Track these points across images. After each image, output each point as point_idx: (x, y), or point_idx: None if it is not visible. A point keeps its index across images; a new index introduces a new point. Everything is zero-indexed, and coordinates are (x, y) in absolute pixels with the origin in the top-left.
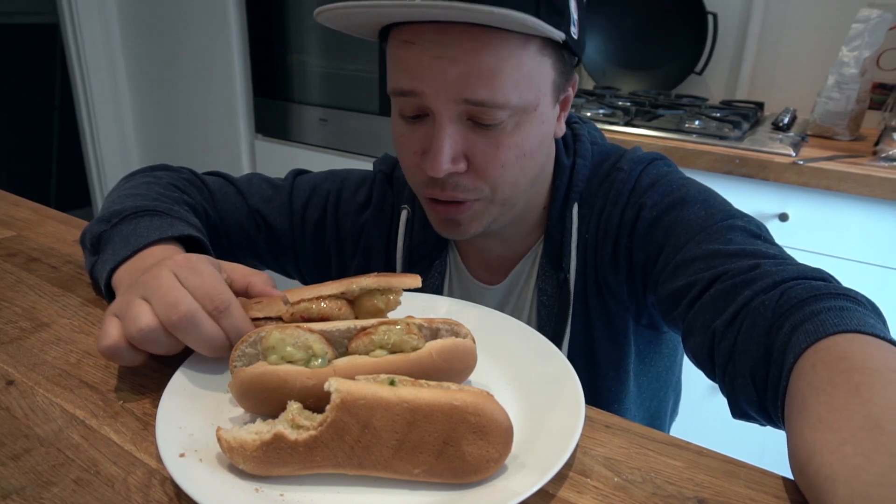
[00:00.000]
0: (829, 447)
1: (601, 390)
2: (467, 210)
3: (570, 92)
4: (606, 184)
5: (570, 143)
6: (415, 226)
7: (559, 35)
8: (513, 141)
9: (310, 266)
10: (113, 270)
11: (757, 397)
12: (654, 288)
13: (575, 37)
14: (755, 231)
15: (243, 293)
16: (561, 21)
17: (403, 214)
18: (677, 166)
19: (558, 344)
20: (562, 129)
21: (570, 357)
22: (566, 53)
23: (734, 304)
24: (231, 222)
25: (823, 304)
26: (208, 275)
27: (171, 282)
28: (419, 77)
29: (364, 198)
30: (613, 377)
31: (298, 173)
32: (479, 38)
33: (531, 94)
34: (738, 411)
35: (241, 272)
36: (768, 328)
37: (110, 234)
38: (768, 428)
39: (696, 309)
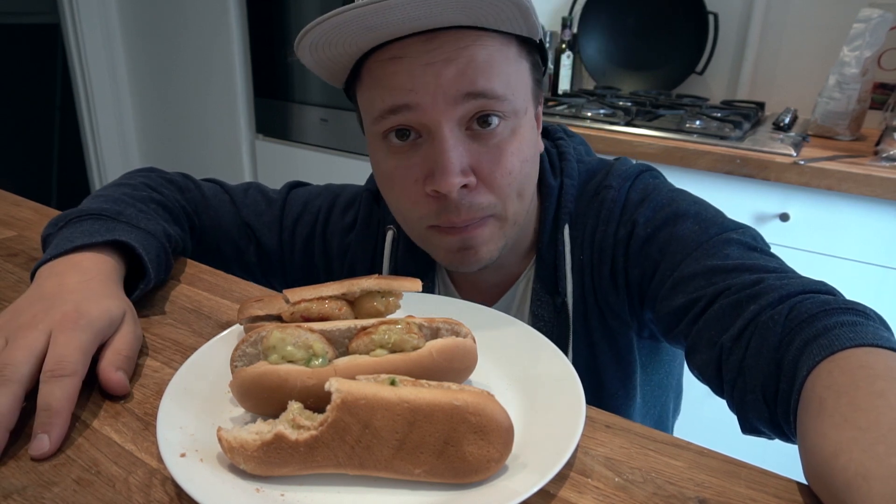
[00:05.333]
0: (860, 445)
1: (611, 410)
2: (483, 229)
3: (540, 109)
4: (596, 203)
5: (556, 163)
6: (400, 246)
7: (539, 31)
8: (514, 146)
9: (299, 283)
10: (37, 268)
11: (768, 412)
12: (652, 305)
13: (545, 45)
14: (751, 243)
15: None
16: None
17: (389, 235)
18: (664, 176)
19: None
20: (541, 146)
21: None
22: (539, 60)
23: (740, 318)
24: (222, 232)
25: (835, 319)
26: (76, 339)
27: (30, 342)
28: (414, 87)
29: (351, 219)
30: (622, 395)
31: (294, 186)
32: (467, 37)
33: (519, 96)
34: (748, 427)
35: (120, 341)
36: (778, 343)
37: (55, 236)
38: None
39: (701, 325)
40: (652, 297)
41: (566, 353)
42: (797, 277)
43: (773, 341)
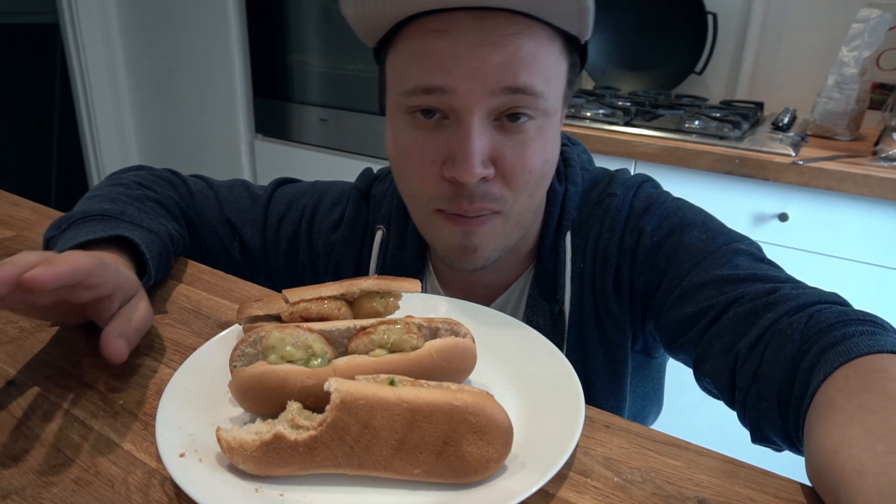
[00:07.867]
0: (861, 443)
1: None
2: (485, 226)
3: (564, 112)
4: (599, 210)
5: (561, 169)
6: (389, 247)
7: (588, 33)
8: (538, 145)
9: (284, 280)
10: None
11: (781, 421)
12: (657, 315)
13: (587, 48)
14: (758, 254)
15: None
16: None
17: (378, 235)
18: (662, 187)
19: None
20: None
21: None
22: (577, 61)
23: (757, 326)
24: (207, 227)
25: (854, 329)
26: (83, 255)
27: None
28: (454, 70)
29: (337, 216)
30: (612, 405)
31: (280, 183)
32: (519, 23)
33: (554, 95)
34: (760, 436)
35: (131, 310)
36: (796, 351)
37: (59, 237)
38: None
39: (713, 333)
40: (657, 306)
41: None
42: (812, 288)
43: (791, 349)
